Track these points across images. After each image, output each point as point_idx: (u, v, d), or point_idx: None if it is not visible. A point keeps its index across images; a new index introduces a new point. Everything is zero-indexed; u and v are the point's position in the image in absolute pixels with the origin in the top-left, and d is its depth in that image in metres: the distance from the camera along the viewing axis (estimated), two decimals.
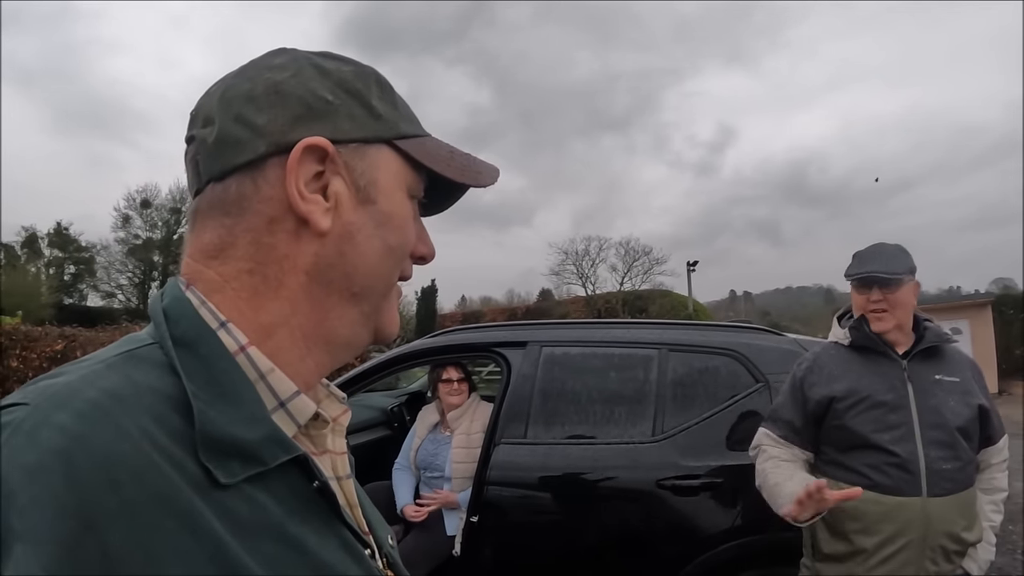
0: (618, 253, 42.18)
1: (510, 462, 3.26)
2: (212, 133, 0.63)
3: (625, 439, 3.26)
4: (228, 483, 0.53)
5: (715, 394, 3.29)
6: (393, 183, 0.67)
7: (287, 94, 0.63)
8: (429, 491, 3.83)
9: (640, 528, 3.13)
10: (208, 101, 0.65)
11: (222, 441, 0.54)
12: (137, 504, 0.47)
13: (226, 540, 0.51)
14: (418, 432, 4.05)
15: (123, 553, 0.46)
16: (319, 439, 0.67)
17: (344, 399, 0.74)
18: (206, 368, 0.57)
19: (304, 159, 0.61)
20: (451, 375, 3.96)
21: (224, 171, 0.62)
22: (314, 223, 0.62)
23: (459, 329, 4.13)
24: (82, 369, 0.55)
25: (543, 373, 3.48)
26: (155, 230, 44.14)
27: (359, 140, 0.64)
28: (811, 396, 2.40)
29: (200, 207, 0.64)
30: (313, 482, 0.60)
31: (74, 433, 0.48)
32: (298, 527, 0.57)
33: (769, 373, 3.25)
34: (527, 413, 3.37)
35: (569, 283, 43.88)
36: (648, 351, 3.48)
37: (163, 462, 0.50)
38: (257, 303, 0.62)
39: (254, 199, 0.62)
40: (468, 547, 3.26)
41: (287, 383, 0.61)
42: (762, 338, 3.51)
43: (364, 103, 0.66)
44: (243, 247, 0.62)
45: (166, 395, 0.54)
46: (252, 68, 0.66)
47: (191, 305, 0.61)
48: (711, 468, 3.10)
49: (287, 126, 0.62)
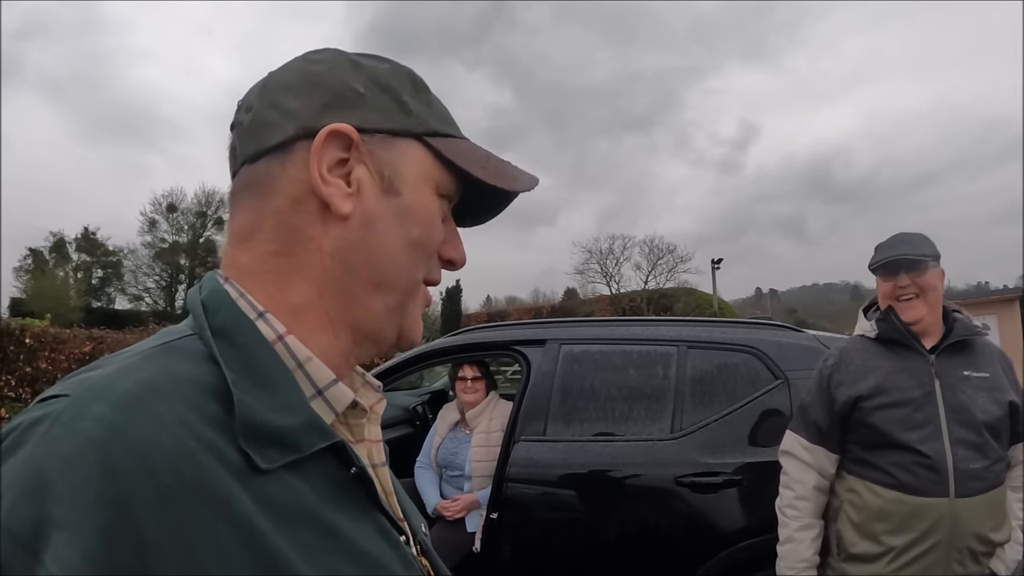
0: (642, 251, 42.03)
1: (529, 459, 3.27)
2: (249, 118, 0.66)
3: (644, 436, 3.26)
4: (267, 468, 0.54)
5: (734, 391, 3.29)
6: (419, 177, 0.67)
7: (320, 84, 0.65)
8: (451, 489, 3.86)
9: (659, 525, 3.13)
10: (251, 92, 0.68)
11: (261, 428, 0.55)
12: (173, 492, 0.48)
13: (262, 527, 0.51)
14: (439, 431, 4.08)
15: (159, 540, 0.46)
16: (356, 428, 0.68)
17: (380, 388, 0.74)
18: (244, 357, 0.58)
19: (328, 144, 0.63)
20: (466, 373, 3.98)
21: (257, 152, 0.65)
22: (334, 206, 0.63)
23: (479, 327, 4.14)
24: (120, 361, 0.57)
25: (562, 371, 3.49)
26: (181, 234, 44.79)
27: (386, 131, 0.66)
28: (838, 396, 2.34)
29: (235, 189, 0.67)
30: (350, 469, 0.61)
31: (111, 423, 0.49)
32: (334, 514, 0.58)
33: (788, 370, 3.25)
34: (546, 410, 3.38)
35: (594, 282, 43.75)
36: (667, 348, 3.48)
37: (200, 450, 0.51)
38: (285, 284, 0.64)
39: (281, 180, 0.64)
40: (488, 543, 3.28)
41: (325, 371, 0.62)
42: (781, 335, 3.49)
43: (395, 98, 0.67)
44: (270, 229, 0.64)
45: (204, 384, 0.55)
46: (295, 62, 0.69)
47: (229, 297, 0.62)
48: (730, 465, 3.09)
49: (317, 112, 0.64)
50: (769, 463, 3.01)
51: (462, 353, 3.94)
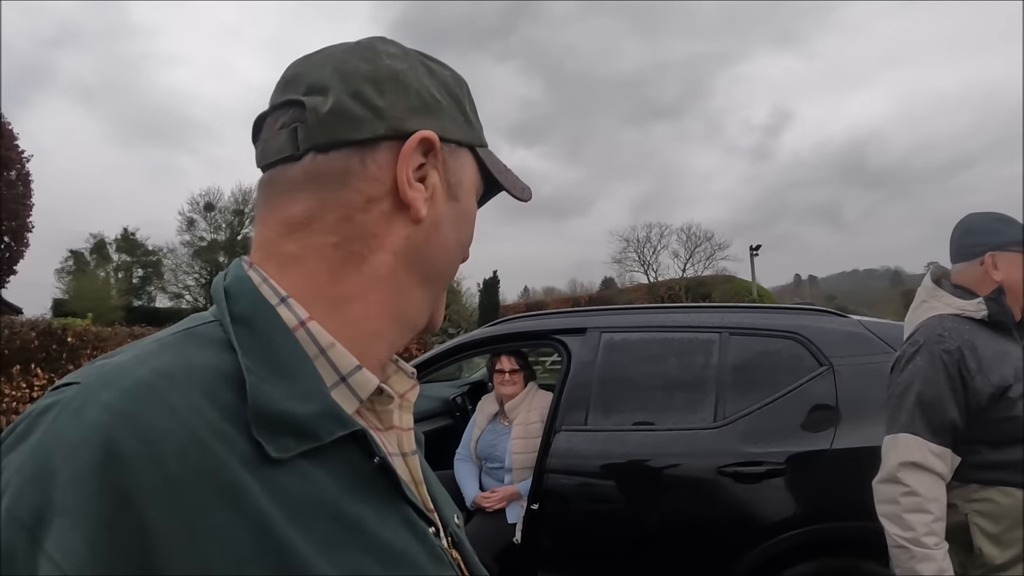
0: (679, 239, 41.97)
1: (570, 450, 3.24)
2: (327, 103, 0.63)
3: (686, 425, 3.21)
4: (280, 458, 0.53)
5: (777, 379, 3.21)
6: (471, 186, 0.71)
7: (407, 84, 0.66)
8: (491, 481, 3.84)
9: (700, 516, 3.09)
10: (315, 70, 0.66)
11: (275, 416, 0.54)
12: (179, 481, 0.47)
13: (274, 519, 0.50)
14: (478, 422, 4.06)
15: (163, 529, 0.46)
16: (385, 415, 0.68)
17: (413, 374, 0.74)
18: (263, 343, 0.58)
19: (415, 149, 0.64)
20: (503, 366, 3.94)
21: (332, 143, 0.63)
22: (415, 210, 0.64)
23: (518, 317, 4.12)
24: (137, 349, 0.57)
25: (603, 359, 3.45)
26: (219, 232, 45.37)
27: (455, 141, 0.69)
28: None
29: (295, 177, 0.64)
30: (373, 458, 0.60)
31: (118, 410, 0.48)
32: (357, 504, 0.57)
33: (833, 356, 3.17)
34: (587, 400, 3.34)
35: (631, 271, 43.78)
36: (709, 335, 3.42)
37: (211, 438, 0.50)
38: (337, 276, 0.63)
39: (358, 176, 0.63)
40: (528, 535, 3.26)
41: (348, 357, 0.61)
42: (825, 320, 3.42)
43: (461, 108, 0.70)
44: (332, 221, 0.63)
45: (221, 371, 0.55)
46: (365, 49, 0.67)
47: (252, 283, 0.62)
48: (773, 455, 3.02)
49: (406, 114, 0.65)
50: (815, 452, 2.98)
51: (501, 343, 3.92)
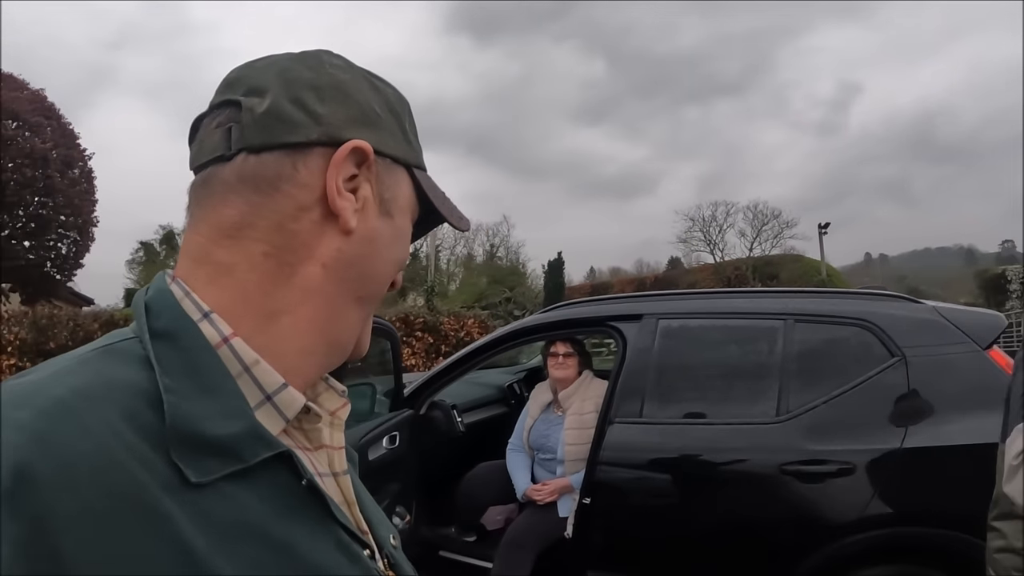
0: (746, 218, 41.13)
1: (624, 442, 3.13)
2: (263, 104, 0.62)
3: (747, 419, 3.07)
4: (201, 482, 0.51)
5: (846, 369, 3.03)
6: (406, 206, 0.70)
7: (348, 95, 0.66)
8: (544, 472, 3.75)
9: (760, 516, 2.95)
10: (257, 74, 0.65)
11: (194, 437, 0.52)
12: (96, 506, 0.45)
13: (195, 543, 0.48)
14: (531, 411, 3.97)
15: (79, 556, 0.44)
16: (314, 434, 0.66)
17: (344, 392, 0.72)
18: (184, 361, 0.56)
19: (348, 158, 0.63)
20: (558, 349, 3.84)
21: (265, 145, 0.62)
22: (344, 220, 0.63)
23: (573, 303, 4.04)
24: (53, 366, 0.55)
25: (660, 347, 3.32)
26: None
27: (392, 157, 0.68)
28: None
29: (227, 178, 0.62)
30: (301, 480, 0.58)
31: (32, 432, 0.46)
32: (286, 528, 0.55)
33: (905, 346, 2.97)
34: (643, 390, 3.23)
35: (697, 250, 43.17)
36: (772, 322, 3.25)
37: (130, 461, 0.48)
38: (266, 288, 0.61)
39: (289, 182, 0.62)
40: (580, 529, 3.18)
41: (273, 375, 0.59)
42: (897, 306, 3.23)
43: (401, 126, 0.70)
44: (264, 229, 0.61)
45: (141, 390, 0.53)
46: (310, 59, 0.67)
47: (173, 297, 0.60)
48: (840, 453, 2.85)
49: (343, 123, 0.64)
50: (887, 451, 2.81)
51: (556, 330, 3.84)
